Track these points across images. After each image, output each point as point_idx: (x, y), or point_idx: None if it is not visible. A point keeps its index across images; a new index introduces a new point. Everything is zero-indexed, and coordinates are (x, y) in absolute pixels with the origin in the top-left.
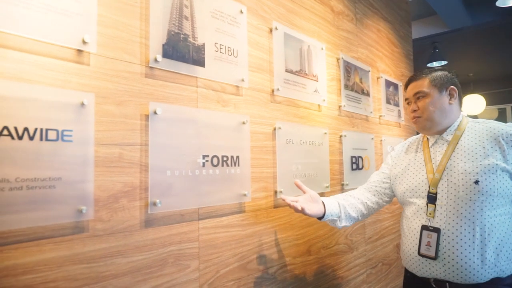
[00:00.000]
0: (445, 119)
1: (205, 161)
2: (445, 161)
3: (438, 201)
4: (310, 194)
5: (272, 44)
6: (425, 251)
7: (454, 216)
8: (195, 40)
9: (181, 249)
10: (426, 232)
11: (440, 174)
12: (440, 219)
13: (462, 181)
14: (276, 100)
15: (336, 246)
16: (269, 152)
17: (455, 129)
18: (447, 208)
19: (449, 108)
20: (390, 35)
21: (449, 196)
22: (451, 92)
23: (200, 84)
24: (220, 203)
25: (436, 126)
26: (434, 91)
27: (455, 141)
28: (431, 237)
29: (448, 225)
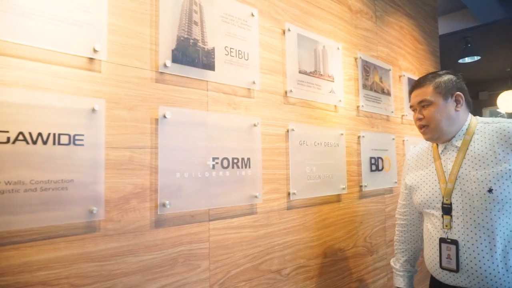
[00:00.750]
0: (452, 126)
1: (215, 163)
2: (456, 170)
3: (453, 212)
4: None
5: (285, 46)
6: (447, 264)
7: (471, 226)
8: (205, 45)
9: (191, 249)
10: (444, 245)
11: (453, 184)
12: (458, 230)
13: (475, 190)
14: (289, 101)
15: (354, 248)
16: (282, 154)
17: (464, 134)
18: (464, 218)
19: (456, 115)
20: (414, 31)
21: (464, 206)
22: (457, 98)
23: (210, 88)
24: (230, 204)
25: (444, 135)
26: (438, 99)
27: (464, 147)
28: (450, 250)
29: (466, 236)
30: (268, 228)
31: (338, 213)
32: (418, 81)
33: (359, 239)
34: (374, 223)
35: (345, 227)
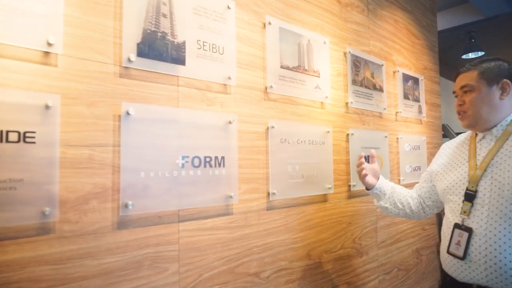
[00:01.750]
0: (494, 115)
1: (184, 162)
2: (489, 158)
3: (478, 200)
4: (374, 167)
5: (266, 40)
6: (454, 250)
7: (496, 217)
8: (175, 38)
9: (159, 251)
10: (457, 231)
11: (482, 171)
12: (481, 219)
13: (508, 179)
14: (270, 97)
15: (342, 250)
16: (261, 152)
17: (507, 125)
18: (489, 208)
19: (500, 104)
20: (410, 26)
21: (492, 195)
22: (504, 86)
23: (181, 83)
24: (203, 205)
25: (484, 123)
26: (482, 84)
27: (504, 137)
28: (462, 236)
29: (489, 226)
30: (246, 229)
31: (324, 213)
32: (463, 68)
33: (348, 240)
34: (364, 224)
35: (332, 228)
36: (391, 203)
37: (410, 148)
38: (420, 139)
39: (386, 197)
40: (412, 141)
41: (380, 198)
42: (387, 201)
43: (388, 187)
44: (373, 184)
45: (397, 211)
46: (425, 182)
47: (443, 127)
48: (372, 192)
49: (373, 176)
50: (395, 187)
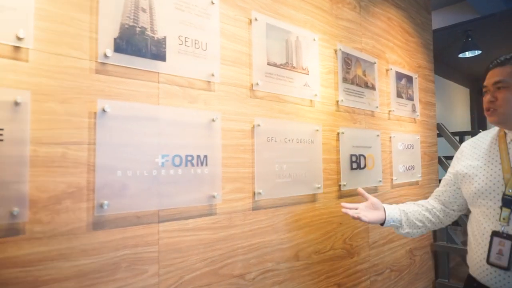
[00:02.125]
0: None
1: (164, 161)
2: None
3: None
4: (372, 201)
5: (252, 36)
6: (496, 260)
7: None
8: (154, 33)
9: (137, 253)
10: (497, 239)
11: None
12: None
13: None
14: (256, 95)
15: (332, 251)
16: (247, 151)
17: None
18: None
19: None
20: (404, 23)
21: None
22: None
23: (162, 80)
24: (185, 205)
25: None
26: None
27: None
28: (504, 245)
29: None
30: (230, 230)
31: (313, 213)
32: (497, 60)
33: (338, 241)
34: (355, 224)
35: (321, 228)
36: (410, 227)
37: (403, 147)
38: (414, 138)
39: (403, 223)
40: (406, 140)
41: (397, 227)
42: (405, 228)
43: (398, 213)
44: (381, 218)
45: (419, 231)
46: (448, 186)
47: (438, 126)
48: (387, 226)
49: (375, 209)
50: (406, 210)
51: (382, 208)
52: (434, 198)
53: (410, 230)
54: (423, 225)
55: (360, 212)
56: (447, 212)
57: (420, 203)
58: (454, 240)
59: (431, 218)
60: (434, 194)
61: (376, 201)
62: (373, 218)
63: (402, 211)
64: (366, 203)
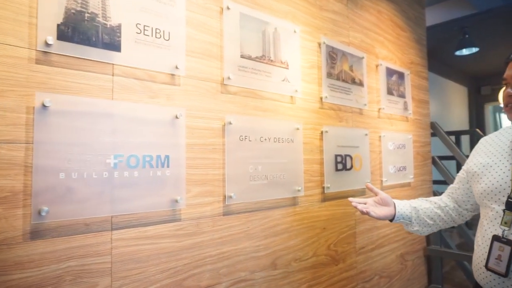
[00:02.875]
0: None
1: (118, 162)
2: None
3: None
4: (381, 197)
5: (223, 26)
6: (494, 265)
7: None
8: (107, 20)
9: (85, 264)
10: (497, 244)
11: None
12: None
13: None
14: (228, 90)
15: (314, 258)
16: (217, 151)
17: None
18: None
19: None
20: (395, 17)
21: None
22: None
23: (117, 72)
24: (143, 210)
25: None
26: None
27: None
28: (503, 250)
29: None
30: (197, 237)
31: (293, 218)
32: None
33: (321, 247)
34: (340, 229)
35: (302, 234)
36: (420, 224)
37: (394, 147)
38: (406, 138)
39: (413, 219)
40: (397, 140)
41: (407, 224)
42: (415, 224)
43: (408, 209)
44: (391, 213)
45: (429, 229)
46: (461, 183)
47: (432, 125)
48: (399, 222)
49: (385, 205)
50: (417, 206)
51: (392, 203)
52: (447, 195)
53: (420, 228)
54: (434, 223)
55: (369, 207)
56: (459, 211)
57: (433, 200)
58: (448, 243)
59: (443, 216)
60: (448, 191)
61: (386, 196)
62: (382, 214)
63: (413, 208)
64: (375, 198)
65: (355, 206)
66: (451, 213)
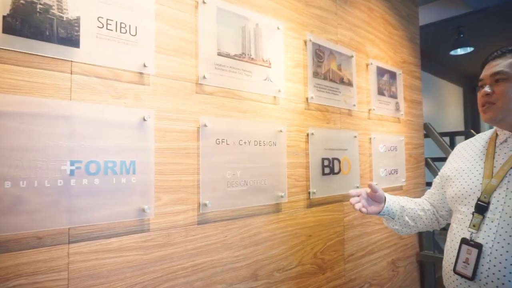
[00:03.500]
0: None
1: (75, 168)
2: (508, 166)
3: (489, 213)
4: (379, 194)
5: (198, 21)
6: (462, 268)
7: (506, 234)
8: (63, 13)
9: (37, 282)
10: (465, 247)
11: (499, 181)
12: (487, 234)
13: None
14: (204, 90)
15: (299, 267)
16: (191, 155)
17: None
18: (499, 223)
19: None
20: (387, 15)
21: (504, 209)
22: None
23: (77, 70)
24: (106, 221)
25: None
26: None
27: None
28: (471, 253)
29: (497, 244)
30: (168, 248)
31: (275, 226)
32: (496, 52)
33: (307, 256)
34: (328, 236)
35: (286, 242)
36: (401, 224)
37: (385, 150)
38: (398, 139)
39: (396, 218)
40: (388, 142)
41: (389, 220)
42: (396, 223)
43: (397, 207)
44: (379, 210)
45: (408, 230)
46: (436, 189)
47: (425, 126)
48: (384, 217)
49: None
50: (404, 205)
51: (383, 200)
52: (426, 199)
53: (400, 227)
54: (415, 225)
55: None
56: (436, 216)
57: (418, 201)
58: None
59: (425, 219)
60: (426, 195)
61: (382, 194)
62: (373, 211)
63: (401, 206)
64: (368, 190)
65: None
66: (432, 217)
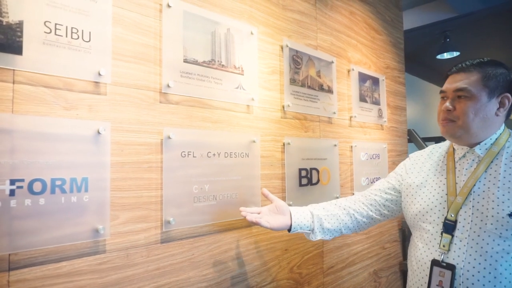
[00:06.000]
0: (484, 132)
1: (16, 188)
2: (471, 183)
3: (457, 232)
4: (276, 204)
5: (162, 26)
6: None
7: (476, 254)
8: (2, 16)
9: None
10: (437, 269)
11: (463, 199)
12: (458, 254)
13: (492, 211)
14: (169, 99)
15: (274, 283)
16: (154, 170)
17: (491, 144)
18: (468, 242)
19: (494, 119)
20: (370, 19)
21: (472, 228)
22: (503, 100)
23: (20, 79)
24: (53, 244)
25: (470, 137)
26: (483, 93)
27: (488, 159)
28: (444, 276)
29: (467, 264)
30: (127, 270)
31: (248, 241)
32: (462, 65)
33: (283, 271)
34: (305, 249)
35: (260, 257)
36: (324, 232)
37: (368, 158)
38: (380, 147)
39: (315, 229)
40: (370, 150)
41: (308, 233)
42: (318, 235)
43: (308, 218)
44: (287, 223)
45: (331, 236)
46: (392, 191)
47: (408, 132)
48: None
49: (280, 214)
50: (320, 214)
51: (288, 212)
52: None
53: (323, 235)
54: (337, 229)
55: (263, 216)
56: (374, 218)
57: (342, 203)
58: None
59: (349, 224)
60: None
61: (282, 204)
62: (276, 224)
63: (315, 216)
64: (270, 206)
65: (244, 216)
66: (359, 220)
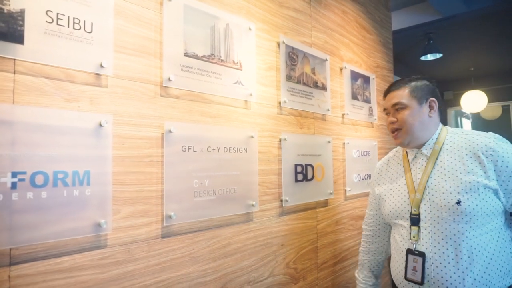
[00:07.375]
0: (424, 132)
1: (17, 181)
2: (425, 180)
3: (421, 223)
4: None
5: (163, 19)
6: (412, 276)
7: (439, 238)
8: (3, 4)
9: None
10: (411, 257)
11: (421, 194)
12: (425, 241)
13: (444, 201)
14: (169, 93)
15: (271, 278)
16: (155, 164)
17: (434, 143)
18: (431, 230)
19: (429, 120)
20: (361, 18)
21: (432, 217)
22: (431, 104)
23: (21, 70)
24: (55, 238)
25: (416, 140)
26: (413, 102)
27: (434, 157)
28: (417, 262)
29: (434, 248)
30: (128, 265)
31: (246, 236)
32: (393, 84)
33: (279, 266)
34: (301, 244)
35: (257, 252)
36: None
37: (359, 155)
38: (371, 144)
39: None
40: (361, 147)
41: None
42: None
43: None
44: None
45: None
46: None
47: None
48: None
49: None
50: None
51: None
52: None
53: None
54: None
55: None
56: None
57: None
58: None
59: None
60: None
61: None
62: None
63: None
64: None
65: None
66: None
